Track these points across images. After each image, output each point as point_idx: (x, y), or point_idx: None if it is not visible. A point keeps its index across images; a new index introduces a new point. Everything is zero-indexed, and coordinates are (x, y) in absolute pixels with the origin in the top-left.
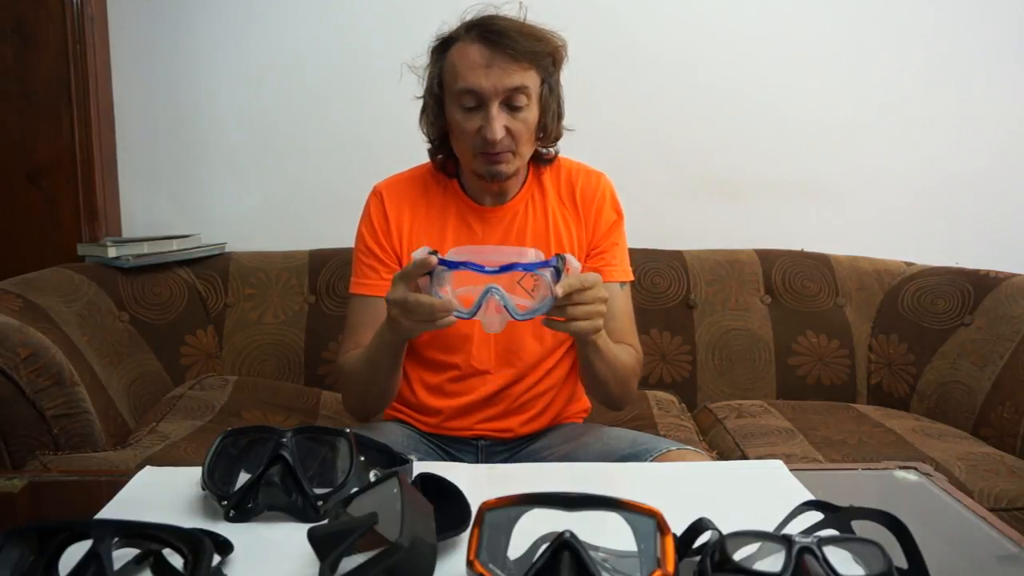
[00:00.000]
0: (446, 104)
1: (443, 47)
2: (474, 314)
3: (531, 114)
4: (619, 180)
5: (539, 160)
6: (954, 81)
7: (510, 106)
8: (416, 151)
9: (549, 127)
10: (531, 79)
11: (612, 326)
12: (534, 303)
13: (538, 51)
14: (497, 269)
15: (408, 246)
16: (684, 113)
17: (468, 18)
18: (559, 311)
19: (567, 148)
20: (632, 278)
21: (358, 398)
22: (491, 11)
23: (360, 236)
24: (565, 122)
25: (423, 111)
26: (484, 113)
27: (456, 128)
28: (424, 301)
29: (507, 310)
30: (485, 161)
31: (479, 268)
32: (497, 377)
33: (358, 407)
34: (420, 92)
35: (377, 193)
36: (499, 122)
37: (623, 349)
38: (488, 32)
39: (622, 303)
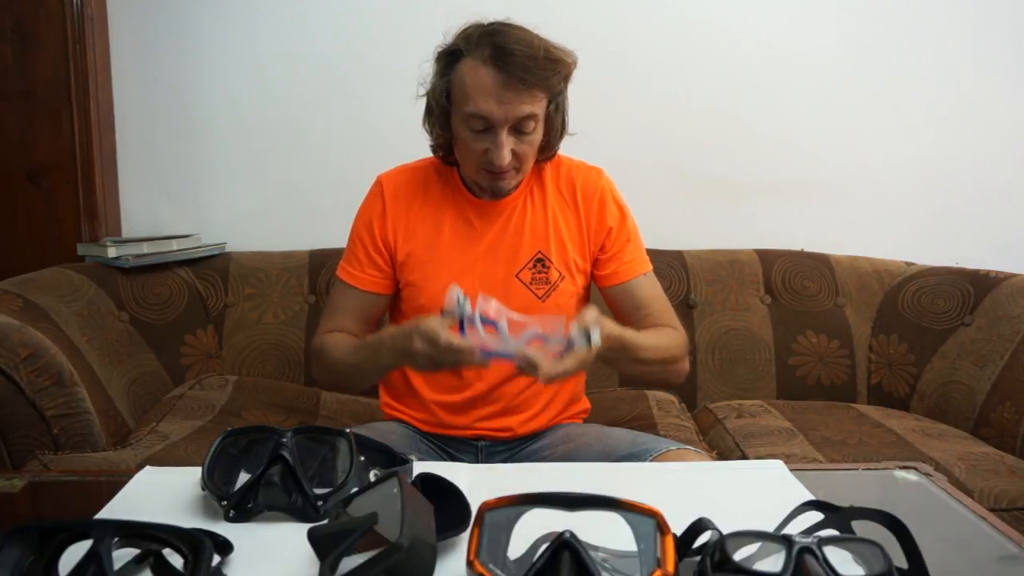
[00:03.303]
0: (453, 118)
1: (452, 58)
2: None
3: (537, 136)
4: (619, 180)
5: (539, 157)
6: (954, 81)
7: (518, 130)
8: (416, 151)
9: (553, 143)
10: (541, 105)
11: (645, 312)
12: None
13: (551, 79)
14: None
15: (404, 237)
16: (684, 113)
17: (479, 22)
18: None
19: (567, 149)
20: (650, 266)
21: (333, 382)
22: (501, 19)
23: (356, 224)
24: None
25: (428, 114)
26: (492, 137)
27: (462, 144)
28: (455, 351)
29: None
30: (488, 177)
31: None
32: (492, 371)
33: (330, 385)
34: (422, 92)
35: (379, 183)
36: (507, 147)
37: (660, 332)
38: (502, 58)
39: (650, 291)
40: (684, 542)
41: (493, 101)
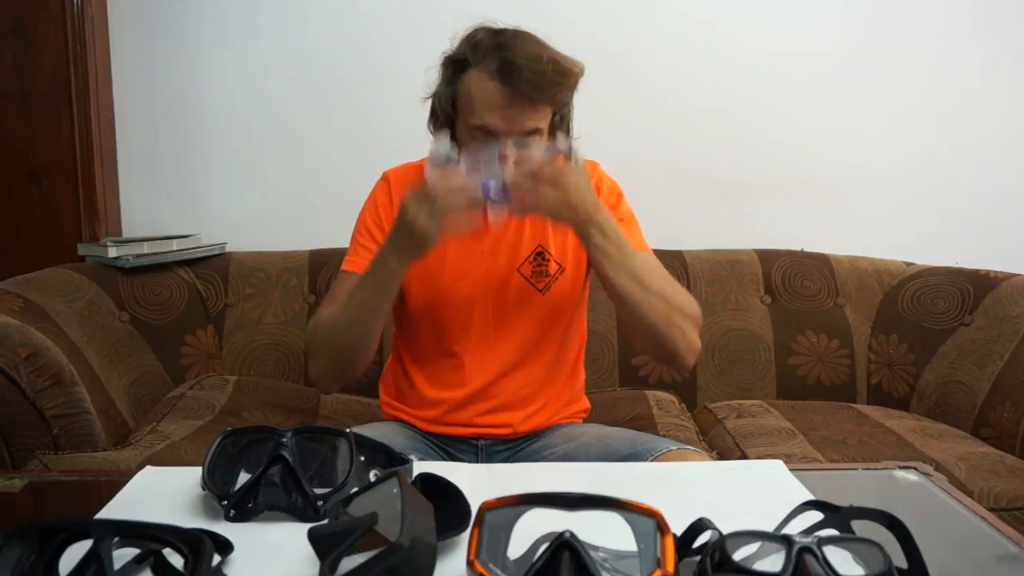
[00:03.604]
0: (458, 126)
1: (459, 67)
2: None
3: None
4: (619, 180)
5: None
6: (954, 81)
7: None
8: (416, 152)
9: None
10: (546, 120)
11: None
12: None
13: (558, 95)
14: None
15: None
16: (684, 114)
17: (487, 26)
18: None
19: None
20: (649, 248)
21: (333, 351)
22: (509, 24)
23: (361, 217)
24: None
25: (432, 118)
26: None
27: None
28: (446, 185)
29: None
30: None
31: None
32: (496, 363)
33: (329, 364)
34: (424, 94)
35: (386, 179)
36: (511, 160)
37: (669, 279)
38: (509, 73)
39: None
40: (684, 542)
41: (498, 116)
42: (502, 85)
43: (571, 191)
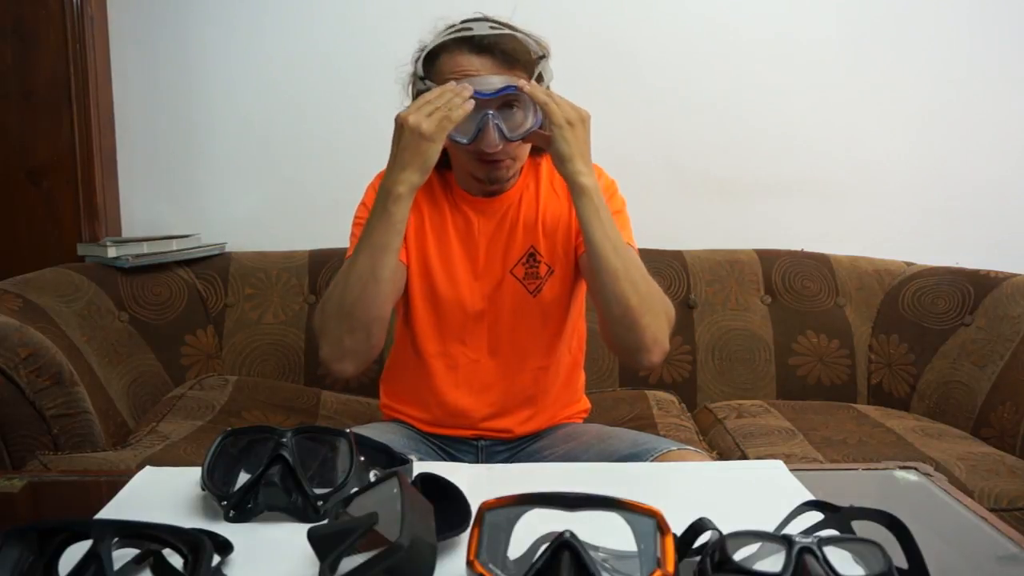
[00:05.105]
0: None
1: (430, 59)
2: (475, 136)
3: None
4: (619, 179)
5: (534, 150)
6: (954, 81)
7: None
8: None
9: (544, 130)
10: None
11: None
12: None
13: (526, 54)
14: (494, 92)
15: (409, 234)
16: (684, 113)
17: (454, 24)
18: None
19: None
20: (635, 246)
21: (346, 309)
22: (473, 15)
23: (359, 210)
24: None
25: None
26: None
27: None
28: (437, 90)
29: (502, 131)
30: (484, 168)
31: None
32: (490, 366)
33: (343, 329)
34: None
35: (382, 176)
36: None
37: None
38: (479, 43)
39: None
40: (684, 542)
41: (473, 83)
42: (473, 55)
43: (583, 122)
